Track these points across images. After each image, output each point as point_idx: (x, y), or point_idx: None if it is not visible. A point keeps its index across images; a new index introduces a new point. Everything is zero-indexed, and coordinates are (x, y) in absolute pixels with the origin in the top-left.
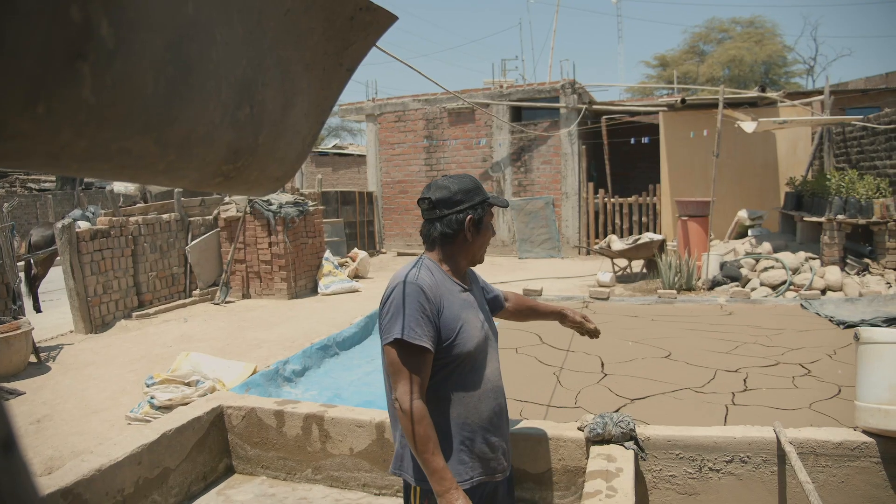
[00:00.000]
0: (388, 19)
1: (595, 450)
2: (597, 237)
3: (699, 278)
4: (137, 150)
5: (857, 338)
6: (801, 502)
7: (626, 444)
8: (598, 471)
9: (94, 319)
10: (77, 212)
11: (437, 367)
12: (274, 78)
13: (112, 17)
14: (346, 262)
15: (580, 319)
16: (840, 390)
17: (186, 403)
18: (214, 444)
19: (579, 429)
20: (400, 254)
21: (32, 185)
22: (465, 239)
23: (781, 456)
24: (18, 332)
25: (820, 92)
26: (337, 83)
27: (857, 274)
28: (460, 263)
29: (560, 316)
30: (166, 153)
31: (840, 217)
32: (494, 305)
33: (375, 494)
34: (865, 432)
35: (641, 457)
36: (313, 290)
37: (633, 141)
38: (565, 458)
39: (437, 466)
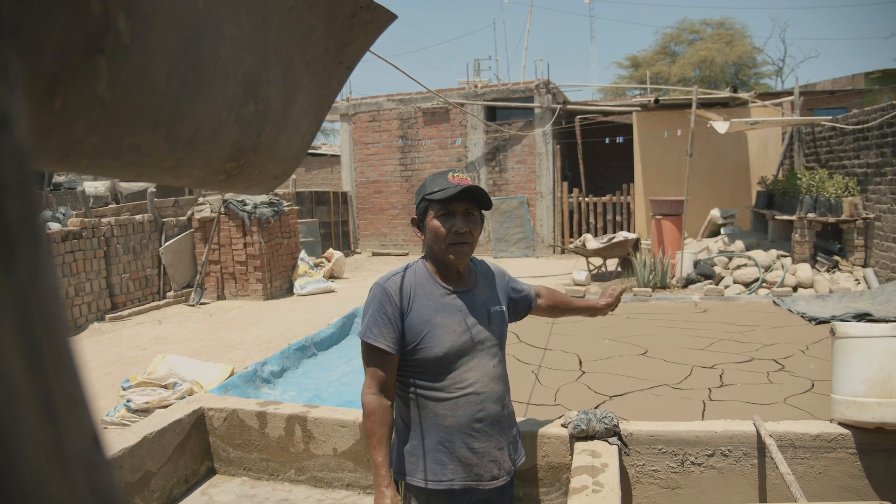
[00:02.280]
0: (388, 18)
1: (579, 446)
2: (571, 236)
3: (673, 276)
4: (147, 146)
5: (833, 332)
6: (780, 494)
7: (610, 439)
8: (584, 466)
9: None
10: (47, 213)
11: (404, 368)
12: (277, 75)
13: (129, 11)
14: (322, 262)
15: (610, 301)
16: (813, 385)
17: (164, 406)
18: (196, 446)
19: (563, 425)
20: (375, 254)
21: None
22: (423, 241)
23: (761, 449)
24: None
25: (790, 93)
26: (336, 81)
27: (828, 271)
28: (441, 264)
29: (593, 311)
30: (175, 150)
31: (810, 215)
32: (523, 305)
33: (359, 494)
34: (842, 424)
35: (625, 452)
36: (289, 291)
37: (607, 140)
38: (549, 454)
39: (376, 461)
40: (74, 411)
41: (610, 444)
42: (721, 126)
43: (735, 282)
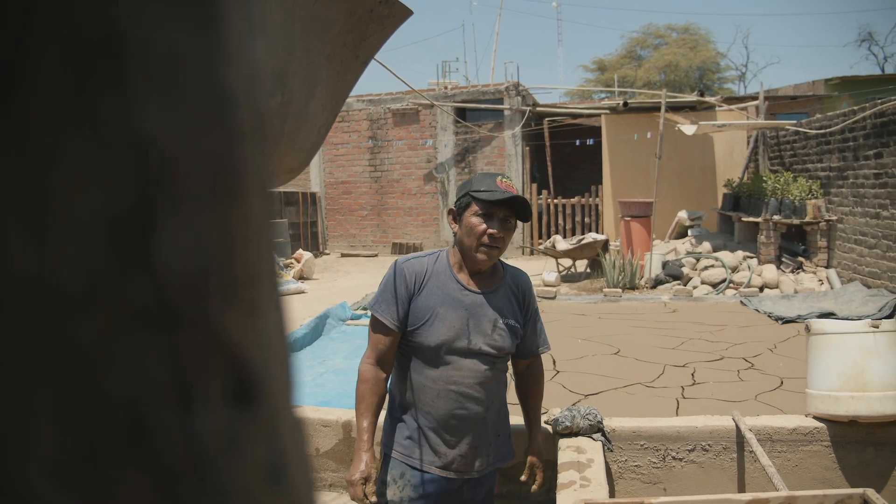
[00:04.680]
0: (404, 14)
1: (564, 442)
2: (540, 237)
3: (642, 277)
4: None
5: (808, 329)
6: (759, 487)
7: (594, 436)
8: (570, 462)
9: None
10: None
11: (402, 348)
12: (301, 68)
13: None
14: (291, 263)
15: (534, 462)
16: (782, 382)
17: None
18: None
19: (546, 423)
20: (344, 255)
21: None
22: (456, 232)
23: (740, 443)
24: None
25: (754, 97)
26: (352, 75)
27: (792, 272)
28: (466, 259)
29: (529, 450)
30: None
31: (776, 217)
32: (520, 351)
33: (342, 494)
34: (816, 418)
35: (608, 448)
36: None
37: (577, 143)
38: None
39: (360, 425)
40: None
41: (594, 440)
42: (689, 129)
43: (703, 282)
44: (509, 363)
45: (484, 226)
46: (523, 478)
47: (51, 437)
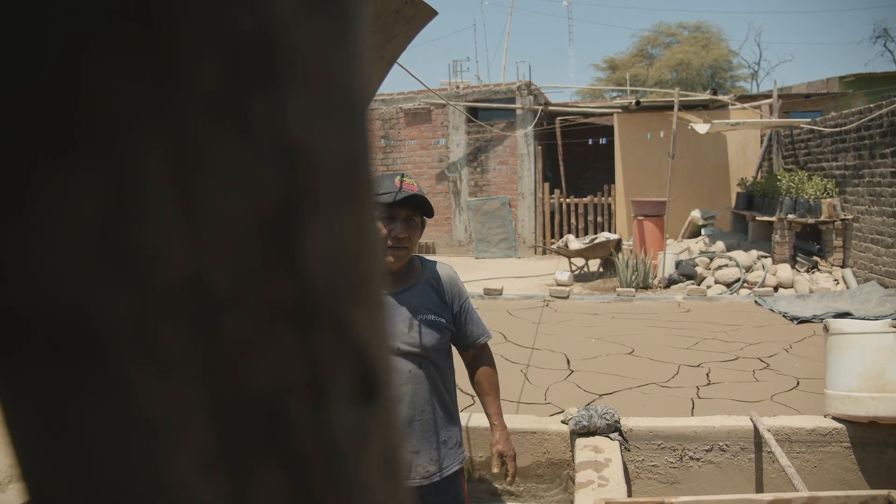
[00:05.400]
0: (429, 14)
1: (581, 442)
2: (552, 237)
3: (655, 276)
4: None
5: (826, 329)
6: (777, 488)
7: (612, 435)
8: (588, 461)
9: None
10: None
11: None
12: None
13: None
14: None
15: (500, 451)
16: (799, 382)
17: None
18: None
19: (563, 422)
20: None
21: None
22: None
23: (758, 443)
24: None
25: (767, 95)
26: (377, 76)
27: (807, 271)
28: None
29: (495, 442)
30: None
31: (790, 216)
32: (460, 344)
33: None
34: (836, 419)
35: (625, 447)
36: None
37: (590, 142)
38: (550, 450)
39: None
40: None
41: (611, 439)
42: (702, 127)
43: (717, 282)
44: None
45: (388, 229)
46: (495, 469)
47: (200, 432)
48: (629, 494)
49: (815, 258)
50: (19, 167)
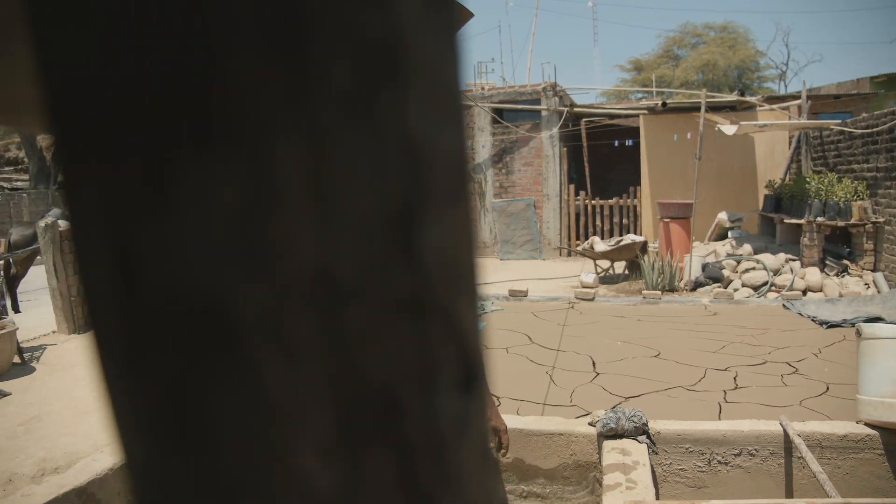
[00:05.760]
0: (466, 16)
1: (608, 444)
2: (577, 239)
3: (682, 279)
4: None
5: (859, 334)
6: (807, 493)
7: (639, 438)
8: (616, 464)
9: (77, 319)
10: (57, 210)
11: None
12: None
13: None
14: None
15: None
16: (828, 388)
17: None
18: None
19: (591, 424)
20: None
21: (4, 185)
22: None
23: (788, 449)
24: (3, 332)
25: (795, 96)
26: None
27: (837, 275)
28: None
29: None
30: None
31: (819, 219)
32: None
33: None
34: (868, 425)
35: (653, 451)
36: None
37: (616, 143)
38: (577, 452)
39: None
40: None
41: (639, 442)
42: (729, 129)
43: (744, 285)
44: None
45: None
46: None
47: (321, 418)
48: (657, 498)
49: (845, 262)
50: (161, 161)
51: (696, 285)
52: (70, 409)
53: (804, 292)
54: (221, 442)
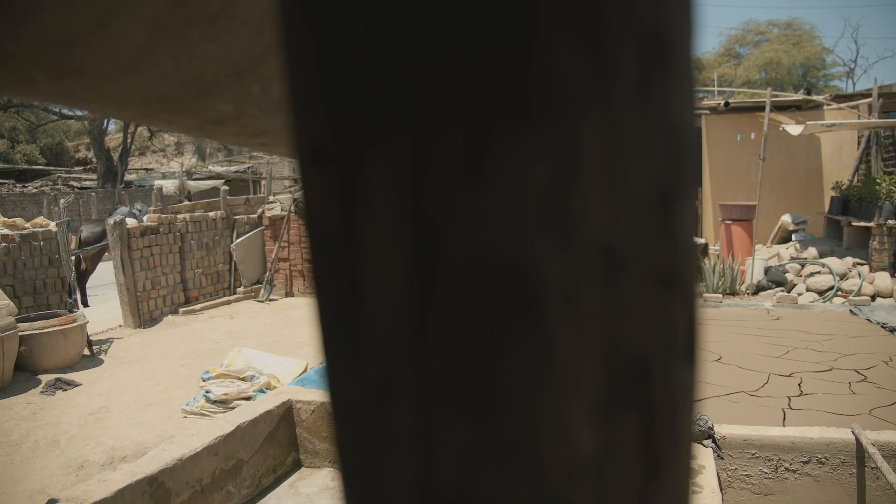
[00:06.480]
0: None
1: None
2: None
3: (743, 283)
4: None
5: None
6: None
7: (704, 442)
8: None
9: (143, 314)
10: (124, 209)
11: None
12: None
13: None
14: None
15: None
16: None
17: (244, 398)
18: (284, 437)
19: None
20: None
21: (74, 184)
22: None
23: (860, 458)
24: (75, 324)
25: (864, 94)
26: None
27: None
28: None
29: None
30: None
31: (890, 222)
32: None
33: None
34: None
35: (718, 455)
36: None
37: None
38: None
39: None
40: None
41: (704, 446)
42: (795, 129)
43: (808, 289)
44: None
45: None
46: None
47: (593, 382)
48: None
49: None
50: (484, 134)
51: (759, 289)
52: (136, 401)
53: (873, 298)
54: (507, 405)
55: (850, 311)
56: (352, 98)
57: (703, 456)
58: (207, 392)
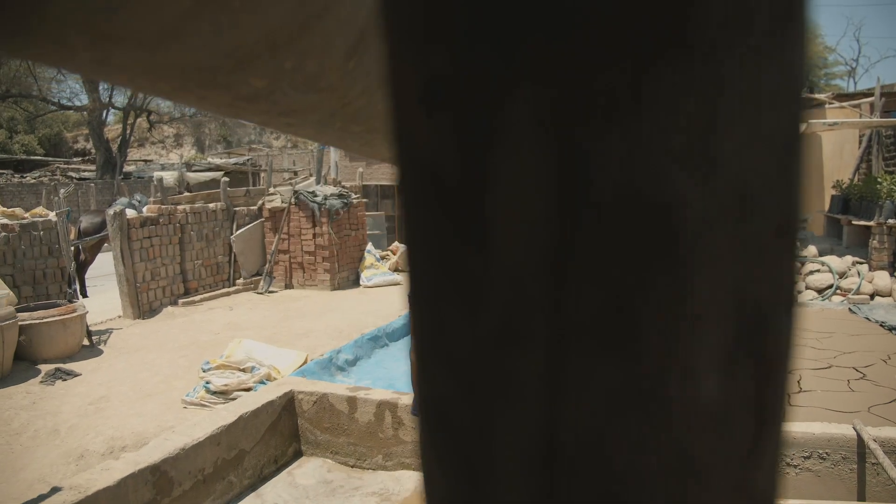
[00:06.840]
0: None
1: None
2: None
3: None
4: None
5: None
6: (882, 501)
7: None
8: None
9: (142, 305)
10: (124, 199)
11: None
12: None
13: None
14: (388, 255)
15: None
16: None
17: (244, 389)
18: (285, 428)
19: None
20: None
21: (73, 174)
22: None
23: (861, 454)
24: (74, 314)
25: (866, 94)
26: None
27: None
28: None
29: None
30: None
31: (891, 221)
32: None
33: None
34: None
35: None
36: (355, 283)
37: None
38: None
39: None
40: None
41: None
42: None
43: (807, 288)
44: None
45: None
46: None
47: (723, 330)
48: None
49: None
50: (645, 68)
51: None
52: (135, 391)
53: (872, 296)
54: (648, 348)
55: (850, 309)
56: (492, 28)
57: None
58: (207, 383)
